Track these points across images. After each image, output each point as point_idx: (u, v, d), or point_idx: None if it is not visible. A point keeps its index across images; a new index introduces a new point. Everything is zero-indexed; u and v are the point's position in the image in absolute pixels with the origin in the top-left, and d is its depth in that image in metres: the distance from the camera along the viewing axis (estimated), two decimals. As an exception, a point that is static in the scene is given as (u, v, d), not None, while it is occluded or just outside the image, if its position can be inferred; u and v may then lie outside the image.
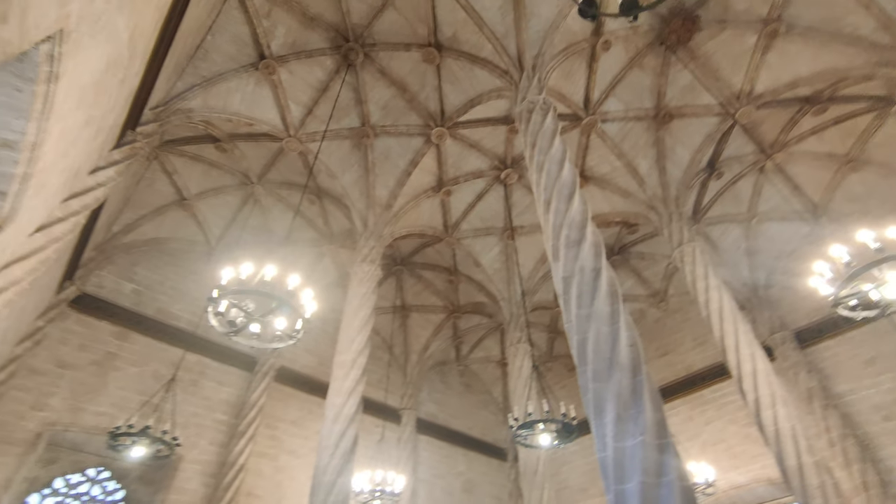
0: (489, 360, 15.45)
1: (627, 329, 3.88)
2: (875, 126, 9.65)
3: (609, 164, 10.13)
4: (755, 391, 6.76)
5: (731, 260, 11.83)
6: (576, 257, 4.40)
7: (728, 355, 7.34)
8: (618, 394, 3.41)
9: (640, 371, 3.55)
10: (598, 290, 4.08)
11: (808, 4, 8.08)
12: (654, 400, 3.44)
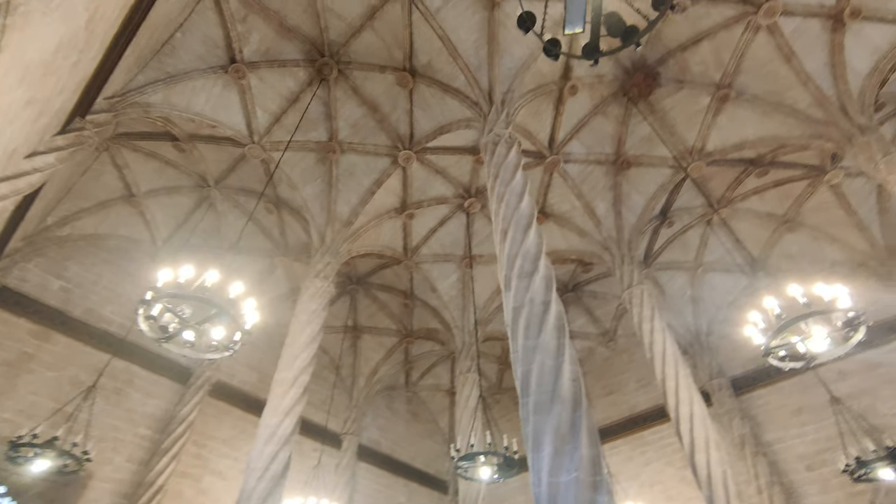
0: (438, 389, 15.22)
1: (571, 363, 3.90)
2: (809, 192, 10.47)
3: (569, 203, 10.46)
4: (691, 434, 6.94)
5: (676, 305, 12.32)
6: (527, 288, 4.44)
7: (668, 398, 7.53)
8: (557, 427, 3.40)
9: (581, 406, 3.56)
10: (546, 322, 4.11)
11: (755, 76, 8.80)
12: (591, 436, 3.45)
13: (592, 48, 2.91)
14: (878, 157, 7.40)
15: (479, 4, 7.70)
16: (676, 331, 12.20)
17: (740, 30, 8.35)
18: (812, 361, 4.91)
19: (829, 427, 8.81)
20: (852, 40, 8.31)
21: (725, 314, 12.06)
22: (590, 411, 3.64)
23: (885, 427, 8.41)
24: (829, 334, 4.73)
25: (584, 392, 3.78)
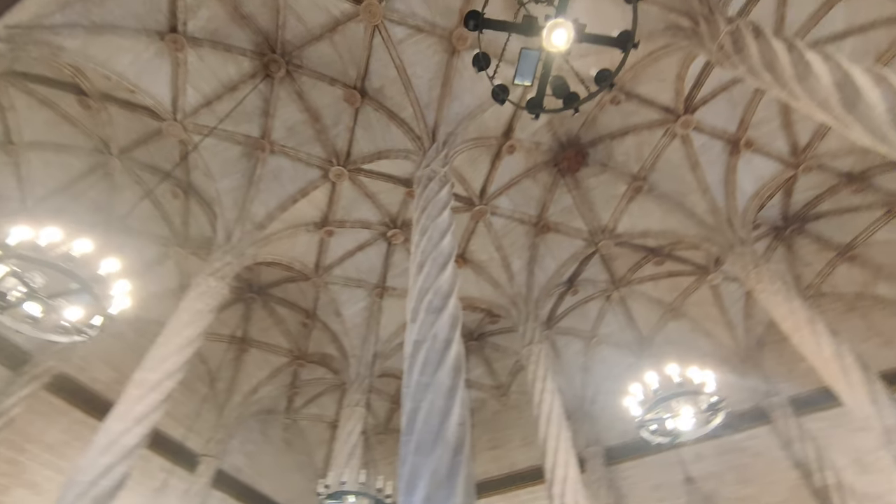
0: (321, 420, 14.32)
1: (461, 407, 3.82)
2: (693, 287, 11.72)
3: (488, 254, 10.75)
4: (562, 498, 7.06)
5: (568, 370, 12.89)
6: (433, 324, 4.36)
7: (547, 458, 7.67)
8: (435, 470, 3.25)
9: (463, 451, 3.46)
10: (445, 361, 4.03)
11: (666, 175, 9.88)
12: (467, 485, 3.33)
13: (536, 103, 3.05)
14: (750, 267, 8.50)
15: (440, 47, 7.95)
16: (565, 395, 12.68)
17: (660, 133, 9.41)
18: (676, 438, 5.27)
19: None
20: (744, 165, 9.71)
21: (610, 386, 12.79)
22: (470, 460, 3.54)
23: None
24: (695, 415, 5.13)
25: (469, 439, 3.69)
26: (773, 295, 7.91)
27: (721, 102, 9.17)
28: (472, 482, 3.38)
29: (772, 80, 5.11)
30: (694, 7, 6.70)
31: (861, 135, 4.15)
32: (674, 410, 5.22)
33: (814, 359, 7.09)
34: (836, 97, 4.30)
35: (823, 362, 6.90)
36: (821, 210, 10.99)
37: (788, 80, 4.85)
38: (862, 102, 4.07)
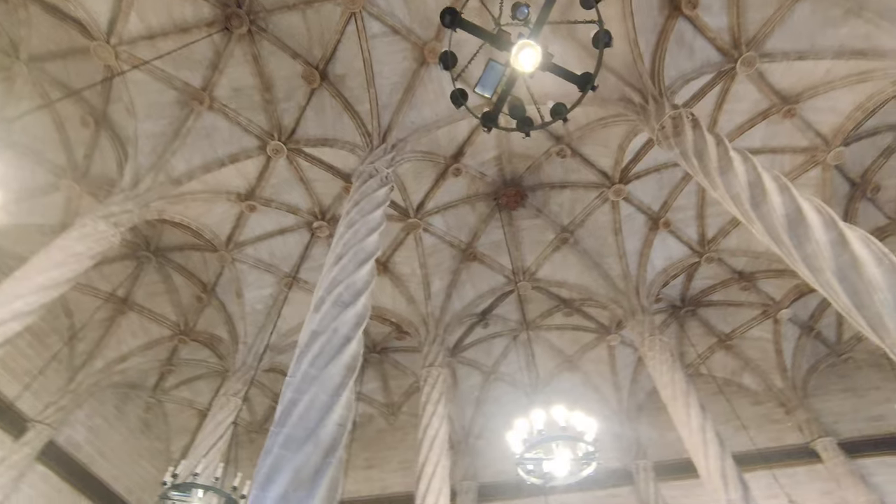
0: (192, 406, 13.06)
1: (345, 408, 3.61)
2: (593, 344, 12.37)
3: (411, 268, 10.64)
4: (426, 527, 6.89)
5: (462, 401, 12.91)
6: (336, 317, 4.13)
7: (421, 483, 7.49)
8: (299, 469, 2.98)
9: (335, 454, 3.22)
10: (340, 357, 3.81)
11: (591, 234, 10.47)
12: (331, 491, 3.10)
13: (491, 118, 3.06)
14: (646, 334, 9.13)
15: (411, 54, 7.95)
16: (453, 424, 12.65)
17: (594, 195, 10.00)
18: (550, 481, 5.36)
19: (538, 552, 9.62)
20: (659, 242, 10.55)
21: (498, 424, 12.96)
22: (341, 465, 3.31)
23: (577, 563, 9.48)
24: (570, 461, 5.27)
25: (344, 444, 3.47)
26: (660, 364, 8.52)
27: (651, 181, 9.97)
28: (336, 488, 3.15)
29: (698, 167, 5.62)
30: (647, 87, 7.30)
31: (760, 232, 4.63)
32: (552, 453, 5.33)
33: (682, 428, 7.65)
34: (747, 194, 4.79)
35: (689, 432, 7.47)
36: (712, 299, 12.17)
37: (712, 169, 5.35)
38: (766, 204, 4.56)
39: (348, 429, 3.47)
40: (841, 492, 10.41)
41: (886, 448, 11.00)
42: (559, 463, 5.23)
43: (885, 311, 3.35)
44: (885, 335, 3.35)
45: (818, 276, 3.91)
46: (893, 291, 3.37)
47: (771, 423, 11.98)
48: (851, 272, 3.64)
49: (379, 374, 13.30)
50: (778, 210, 4.40)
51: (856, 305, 3.55)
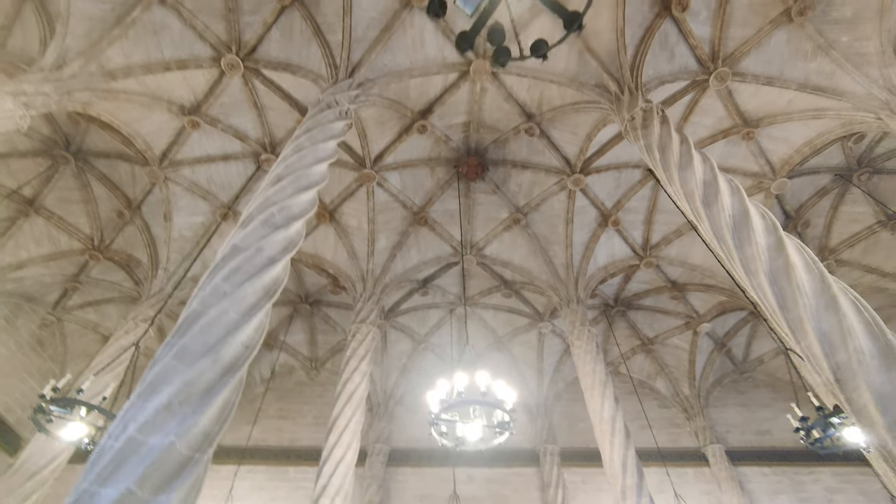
0: (96, 330, 12.04)
1: (257, 332, 3.29)
2: (525, 329, 12.57)
3: (358, 222, 10.24)
4: (329, 478, 6.71)
5: (389, 366, 12.79)
6: (263, 237, 3.77)
7: (332, 435, 7.29)
8: (190, 383, 2.66)
9: (234, 377, 2.92)
10: (259, 277, 3.47)
11: (544, 219, 10.51)
12: (222, 414, 2.81)
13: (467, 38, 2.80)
14: (577, 324, 9.32)
15: (396, -8, 7.44)
16: (375, 387, 12.55)
17: (554, 181, 10.00)
18: (460, 445, 5.31)
19: (437, 518, 9.77)
20: (605, 239, 10.77)
21: (420, 392, 12.98)
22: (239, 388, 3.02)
23: (473, 532, 9.72)
24: (485, 427, 5.24)
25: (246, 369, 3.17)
26: (586, 354, 8.75)
27: (609, 178, 10.10)
28: (230, 411, 2.86)
29: (659, 161, 5.65)
30: (625, 78, 7.28)
31: (706, 230, 4.71)
32: (468, 418, 5.28)
33: (595, 416, 7.91)
34: (701, 192, 4.84)
35: (601, 420, 7.73)
36: (643, 303, 12.68)
37: (672, 164, 5.39)
38: (717, 204, 4.62)
39: (254, 353, 3.17)
40: (720, 493, 11.32)
41: (765, 459, 12.05)
42: (473, 428, 5.18)
43: (805, 315, 3.46)
44: (801, 337, 3.47)
45: (752, 279, 4.01)
46: (817, 297, 3.49)
47: (672, 426, 12.79)
48: (782, 276, 3.75)
49: (307, 326, 12.87)
50: (727, 210, 4.48)
51: (781, 307, 3.66)
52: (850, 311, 3.31)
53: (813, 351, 3.37)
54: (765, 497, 11.32)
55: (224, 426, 2.78)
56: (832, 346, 3.26)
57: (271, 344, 12.64)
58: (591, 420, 7.99)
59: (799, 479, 11.74)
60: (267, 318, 3.46)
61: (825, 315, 3.38)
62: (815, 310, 3.43)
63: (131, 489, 2.18)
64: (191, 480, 2.42)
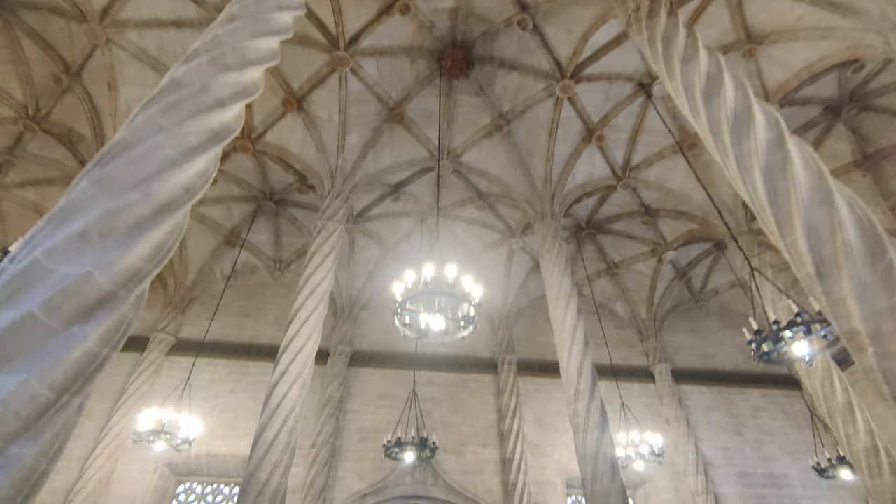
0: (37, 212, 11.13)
1: (201, 178, 2.87)
2: (496, 244, 12.48)
3: (328, 113, 9.46)
4: (288, 365, 6.65)
5: (355, 271, 12.61)
6: (211, 76, 3.19)
7: (292, 327, 7.16)
8: (114, 213, 2.25)
9: (170, 216, 2.52)
10: (205, 118, 2.94)
11: (526, 128, 10.00)
12: (157, 252, 2.46)
13: None
14: (549, 238, 9.21)
15: None
16: (342, 290, 12.46)
17: (542, 86, 9.38)
18: (424, 336, 5.22)
19: (397, 414, 10.11)
20: (587, 157, 10.44)
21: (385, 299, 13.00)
22: (177, 235, 2.65)
23: (432, 428, 10.15)
24: (449, 320, 5.13)
25: (186, 212, 2.79)
26: (554, 267, 8.72)
27: (599, 89, 9.54)
28: (164, 255, 2.51)
29: (661, 53, 5.18)
30: (635, -36, 6.51)
31: (703, 126, 4.40)
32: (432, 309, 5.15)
33: (557, 325, 8.04)
34: (703, 85, 4.47)
35: (562, 329, 7.87)
36: (613, 227, 12.71)
37: (674, 57, 4.94)
38: (718, 97, 4.28)
39: (194, 198, 2.77)
40: (660, 407, 12.19)
41: (705, 380, 12.95)
42: (437, 320, 5.07)
43: (797, 210, 3.30)
44: (787, 232, 3.33)
45: (745, 174, 3.79)
46: (812, 192, 3.31)
47: (626, 346, 13.43)
48: (779, 171, 3.53)
49: (272, 225, 12.37)
50: (728, 104, 4.15)
51: (772, 203, 3.49)
52: (843, 207, 3.16)
53: (798, 247, 3.25)
54: (699, 412, 12.27)
55: (157, 267, 2.44)
56: (819, 240, 3.13)
57: (233, 241, 12.15)
58: (553, 329, 8.13)
59: (731, 398, 12.73)
60: (214, 166, 3.02)
61: (818, 210, 3.22)
62: (808, 204, 3.27)
63: (34, 313, 1.85)
64: (115, 316, 2.11)
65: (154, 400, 9.90)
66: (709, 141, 4.34)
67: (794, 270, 3.31)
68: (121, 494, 9.15)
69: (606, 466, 6.31)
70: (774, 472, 11.43)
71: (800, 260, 3.23)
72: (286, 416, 6.20)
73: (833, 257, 3.03)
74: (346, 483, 9.84)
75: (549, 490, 10.41)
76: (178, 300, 11.87)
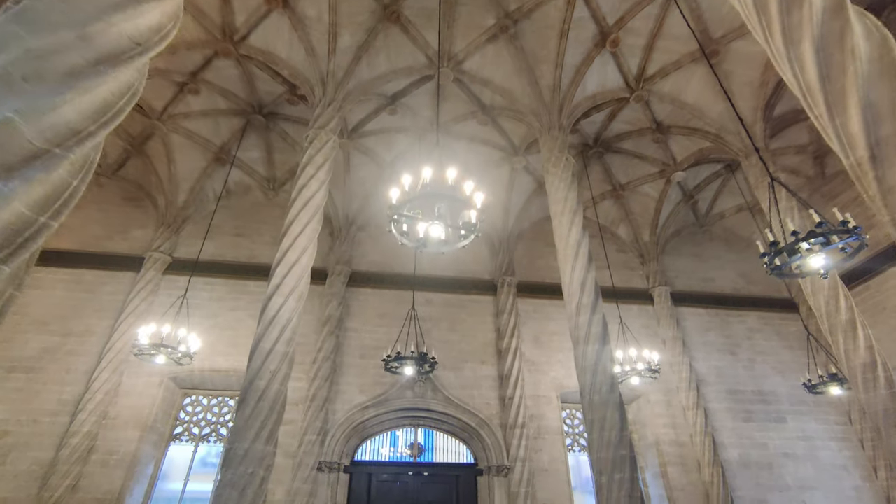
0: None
1: (152, 31, 2.41)
2: (498, 163, 11.96)
3: (318, 11, 8.56)
4: (283, 278, 6.46)
5: (352, 191, 12.18)
6: None
7: (284, 240, 6.88)
8: (41, 56, 1.82)
9: (115, 70, 2.10)
10: None
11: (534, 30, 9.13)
12: (101, 112, 2.07)
13: None
14: (556, 151, 8.70)
15: None
16: (338, 210, 12.14)
17: (554, -18, 8.40)
18: (422, 246, 4.94)
19: (396, 333, 10.16)
20: (599, 65, 9.63)
21: (383, 221, 12.71)
22: (132, 97, 2.23)
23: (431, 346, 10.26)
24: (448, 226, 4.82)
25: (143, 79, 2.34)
26: (560, 181, 8.31)
27: (617, -14, 8.58)
28: (111, 116, 2.12)
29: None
30: None
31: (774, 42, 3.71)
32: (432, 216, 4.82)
33: (560, 241, 7.78)
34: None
35: (566, 246, 7.62)
36: (622, 146, 12.10)
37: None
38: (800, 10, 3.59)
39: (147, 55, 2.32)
40: (657, 328, 12.31)
41: (703, 302, 12.99)
42: (436, 227, 4.75)
43: (852, 86, 2.85)
44: (838, 112, 2.91)
45: (791, 50, 3.29)
46: (871, 65, 2.84)
47: (627, 269, 13.33)
48: (834, 42, 3.03)
49: (263, 142, 11.75)
50: (815, 16, 3.52)
51: (822, 79, 3.03)
52: (909, 80, 2.71)
53: (850, 128, 2.84)
54: (695, 333, 12.42)
55: (103, 130, 2.06)
56: (877, 119, 2.72)
57: (223, 158, 11.60)
58: (557, 246, 7.88)
59: (728, 320, 12.84)
60: (171, 24, 2.53)
61: (878, 84, 2.77)
62: (868, 78, 2.81)
63: None
64: (51, 179, 1.77)
65: (153, 318, 9.88)
66: (751, 17, 3.76)
67: (842, 157, 2.92)
68: (129, 405, 9.39)
69: (606, 378, 6.32)
70: (763, 389, 11.77)
71: (850, 144, 2.84)
72: (283, 327, 6.10)
73: (891, 137, 2.64)
74: (348, 396, 10.11)
75: (545, 404, 10.74)
76: (170, 220, 11.55)
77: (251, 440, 5.23)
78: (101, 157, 11.73)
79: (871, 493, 10.58)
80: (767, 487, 10.41)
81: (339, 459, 9.43)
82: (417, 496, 9.62)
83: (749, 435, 11.03)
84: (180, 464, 9.80)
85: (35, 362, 9.53)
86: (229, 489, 4.96)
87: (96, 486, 8.56)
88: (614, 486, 5.57)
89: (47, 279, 10.57)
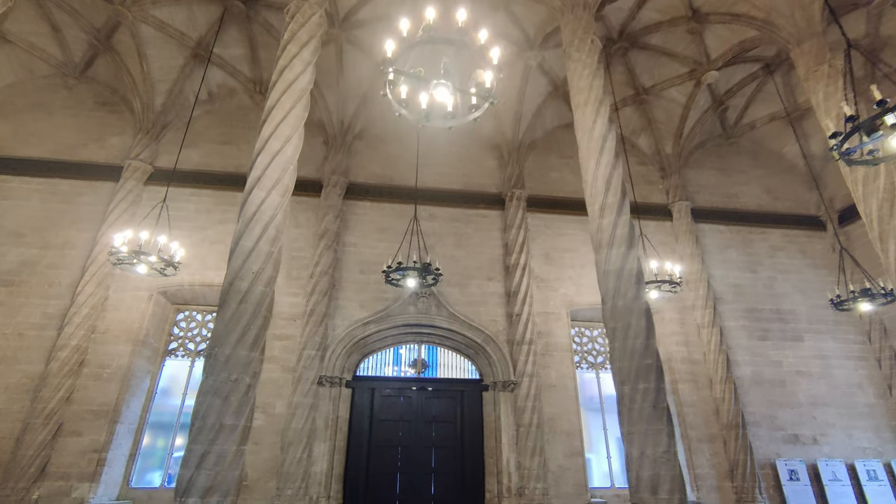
0: None
1: None
2: (510, 62, 10.61)
3: None
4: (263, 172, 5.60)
5: (347, 93, 10.96)
6: None
7: (264, 129, 5.93)
8: None
9: None
10: None
11: None
12: None
13: None
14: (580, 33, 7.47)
15: None
16: (328, 111, 11.02)
17: None
18: (425, 120, 4.05)
19: (395, 246, 9.46)
20: (633, -72, 8.04)
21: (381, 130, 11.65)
22: None
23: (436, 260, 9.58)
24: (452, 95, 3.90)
25: None
26: (584, 67, 7.17)
27: None
28: None
29: None
30: None
31: None
32: (437, 74, 3.88)
33: (583, 135, 6.81)
34: None
35: (590, 140, 6.66)
36: (650, 41, 10.70)
37: None
38: None
39: None
40: (675, 245, 11.59)
41: (725, 219, 12.17)
42: (442, 87, 3.82)
43: None
44: None
45: None
46: None
47: (646, 183, 12.38)
48: None
49: (245, 36, 10.38)
50: None
51: None
52: None
53: None
54: (715, 250, 11.71)
55: None
56: None
57: (202, 55, 10.31)
58: (579, 140, 6.91)
59: (750, 237, 12.07)
60: None
61: None
62: None
63: None
64: None
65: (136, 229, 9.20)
66: None
67: None
68: (117, 319, 8.95)
69: (631, 282, 5.64)
70: (782, 307, 11.25)
71: None
72: (265, 224, 5.35)
73: None
74: (348, 311, 9.63)
75: (554, 321, 10.27)
76: (148, 125, 10.51)
77: (233, 345, 4.65)
78: (65, 55, 10.48)
79: (884, 409, 10.36)
80: (779, 404, 10.18)
81: (340, 374, 9.12)
82: (422, 410, 9.42)
83: (764, 353, 10.65)
84: (181, 380, 9.55)
85: (15, 276, 8.97)
86: (211, 396, 4.45)
87: (91, 399, 8.31)
88: (638, 395, 5.06)
89: (20, 189, 9.77)
